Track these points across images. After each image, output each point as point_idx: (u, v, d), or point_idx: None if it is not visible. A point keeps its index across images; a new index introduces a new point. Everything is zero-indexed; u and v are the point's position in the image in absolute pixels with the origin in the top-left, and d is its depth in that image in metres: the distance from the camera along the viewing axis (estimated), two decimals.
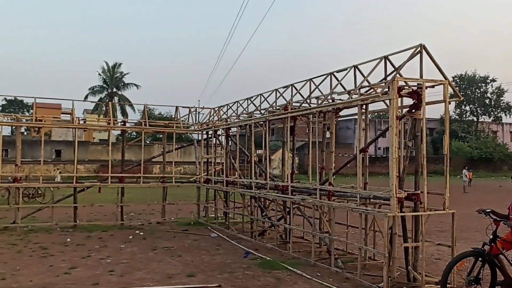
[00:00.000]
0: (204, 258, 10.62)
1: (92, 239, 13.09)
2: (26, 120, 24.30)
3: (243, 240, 13.05)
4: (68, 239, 12.81)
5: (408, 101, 8.53)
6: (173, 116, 19.08)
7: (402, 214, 8.13)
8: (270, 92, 13.01)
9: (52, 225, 15.05)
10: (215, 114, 17.14)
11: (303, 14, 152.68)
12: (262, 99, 13.49)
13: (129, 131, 19.94)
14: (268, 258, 10.48)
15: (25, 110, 65.26)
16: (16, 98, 60.06)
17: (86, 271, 9.19)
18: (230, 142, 16.10)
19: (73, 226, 15.19)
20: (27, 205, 17.63)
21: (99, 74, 62.76)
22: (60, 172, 35.97)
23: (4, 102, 63.89)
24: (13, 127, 26.17)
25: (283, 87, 12.33)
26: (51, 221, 15.31)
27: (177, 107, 17.80)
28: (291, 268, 9.44)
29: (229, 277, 8.81)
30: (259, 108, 13.77)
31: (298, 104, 11.96)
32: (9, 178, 18.24)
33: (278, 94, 12.48)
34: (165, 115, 61.17)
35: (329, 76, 10.50)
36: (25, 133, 50.74)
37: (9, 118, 21.32)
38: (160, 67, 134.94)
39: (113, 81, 62.72)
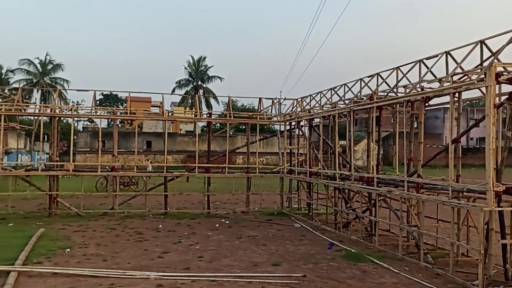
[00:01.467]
0: (288, 248, 10.73)
1: (181, 226, 13.75)
2: (121, 113, 25.87)
3: (326, 231, 12.99)
4: (160, 225, 13.57)
5: (507, 88, 7.94)
6: (255, 108, 19.38)
7: (500, 209, 7.61)
8: (354, 82, 12.74)
9: (145, 211, 16.03)
10: (298, 105, 17.14)
11: (385, 3, 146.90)
12: (346, 89, 13.25)
13: (214, 123, 20.56)
14: (353, 250, 10.35)
15: (119, 103, 69.59)
16: (112, 93, 64.11)
17: (178, 256, 9.69)
18: (313, 133, 16.03)
19: (164, 213, 16.04)
20: (123, 192, 18.91)
21: (185, 68, 65.18)
22: (151, 162, 38.07)
23: (101, 97, 68.59)
24: (110, 120, 28.07)
25: (368, 76, 12.02)
26: (144, 208, 16.32)
27: (260, 99, 18.05)
28: (378, 261, 9.25)
29: (313, 267, 8.83)
30: (343, 98, 13.54)
31: (384, 94, 11.60)
32: (107, 167, 19.64)
33: (363, 84, 12.19)
34: (247, 107, 62.22)
35: (418, 63, 10.04)
36: (119, 125, 54.21)
37: (106, 111, 22.96)
38: (242, 60, 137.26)
39: (198, 74, 64.83)
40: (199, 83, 65.40)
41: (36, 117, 23.47)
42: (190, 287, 7.44)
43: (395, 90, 11.15)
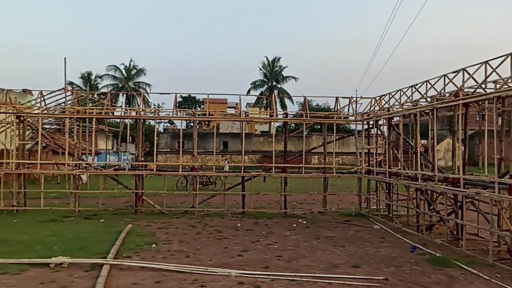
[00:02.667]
0: (368, 249, 10.49)
1: (259, 225, 13.92)
2: (199, 114, 26.77)
3: (408, 234, 12.53)
4: (238, 224, 13.85)
5: None
6: (330, 107, 19.15)
7: None
8: (437, 78, 12.17)
9: (224, 210, 16.43)
10: (376, 103, 16.69)
11: None
12: (428, 86, 12.69)
13: (289, 123, 20.59)
14: (438, 254, 9.89)
15: (197, 105, 72.02)
16: (190, 95, 66.60)
17: (257, 254, 9.83)
18: (392, 132, 15.53)
19: (241, 212, 16.34)
20: (202, 191, 19.51)
21: (260, 69, 66.01)
22: (228, 162, 39.00)
23: (180, 99, 71.37)
24: (188, 121, 29.13)
25: (453, 72, 11.42)
26: (222, 207, 16.74)
27: (337, 98, 17.79)
28: (466, 267, 8.76)
29: (396, 271, 8.56)
30: (424, 96, 12.99)
31: (471, 90, 10.96)
32: (187, 167, 20.38)
33: (447, 80, 11.61)
34: (322, 106, 61.61)
35: (509, 56, 9.38)
36: (197, 127, 56.12)
37: (185, 113, 23.84)
38: (316, 59, 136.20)
39: (273, 75, 65.36)
40: (274, 83, 65.84)
41: (122, 119, 24.95)
42: (270, 285, 7.52)
43: (483, 85, 10.50)
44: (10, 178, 16.51)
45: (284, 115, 18.23)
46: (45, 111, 17.30)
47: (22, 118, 16.54)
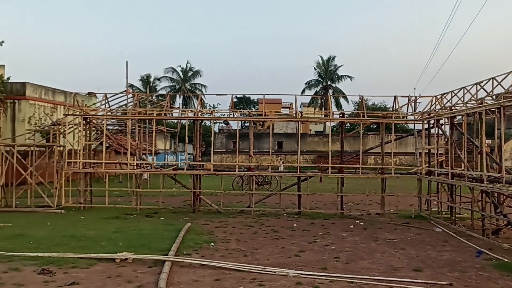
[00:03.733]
0: (429, 253, 10.16)
1: (315, 226, 13.84)
2: (254, 115, 26.96)
3: (472, 238, 11.99)
4: (295, 224, 13.83)
5: None
6: (387, 106, 18.69)
7: None
8: (504, 75, 11.59)
9: (280, 210, 16.47)
10: (437, 102, 16.10)
11: None
12: (495, 83, 12.09)
13: (345, 123, 20.29)
14: (506, 260, 9.41)
15: (251, 106, 72.62)
16: (244, 96, 67.20)
17: (314, 255, 9.79)
18: (454, 131, 14.92)
19: (297, 213, 16.31)
20: (258, 191, 19.65)
21: (314, 68, 65.55)
22: (283, 162, 39.03)
23: (234, 100, 72.32)
24: (243, 122, 29.42)
25: None
26: (278, 207, 16.79)
27: (395, 97, 17.33)
28: None
29: (460, 276, 8.24)
30: (490, 93, 12.39)
31: None
32: (242, 167, 20.60)
33: None
34: (378, 105, 60.24)
35: None
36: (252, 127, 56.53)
37: (241, 114, 24.09)
38: (372, 57, 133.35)
39: (327, 74, 64.70)
40: (329, 83, 65.16)
41: (179, 120, 25.61)
42: (328, 287, 7.47)
43: None
44: (78, 177, 17.41)
45: (341, 115, 17.99)
46: (109, 113, 18.11)
47: (88, 120, 17.40)
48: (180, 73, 64.68)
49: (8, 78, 27.11)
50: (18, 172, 16.66)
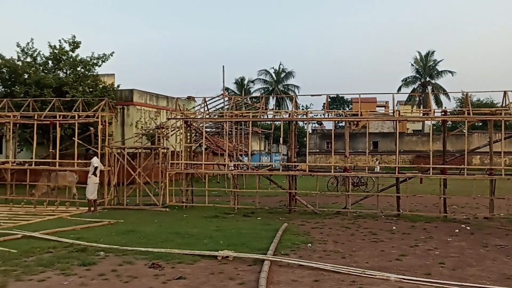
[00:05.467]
0: None
1: (416, 229, 13.27)
2: (347, 115, 26.52)
3: None
4: (394, 227, 13.38)
5: None
6: (494, 102, 17.29)
7: None
8: None
9: (377, 212, 16.03)
10: None
11: None
12: None
13: (448, 121, 19.17)
14: None
15: (345, 105, 71.50)
16: (338, 95, 66.31)
17: (416, 260, 9.40)
18: None
19: (396, 215, 15.75)
20: (354, 192, 19.27)
21: (412, 64, 62.80)
22: (379, 163, 37.93)
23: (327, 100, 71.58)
24: (336, 122, 29.14)
25: None
26: (375, 208, 16.35)
27: (505, 92, 16.01)
28: None
29: None
30: None
31: None
32: (337, 167, 20.38)
33: None
34: (484, 101, 56.06)
35: None
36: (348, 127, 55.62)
37: (335, 114, 23.82)
38: (475, 50, 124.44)
39: (426, 70, 61.63)
40: (427, 79, 62.02)
41: (272, 122, 26.00)
42: None
43: None
44: (180, 177, 18.42)
45: (442, 113, 17.05)
46: (207, 116, 18.94)
47: (189, 123, 18.34)
48: (273, 75, 65.61)
49: (118, 86, 29.51)
50: (128, 173, 18.05)
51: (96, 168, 16.47)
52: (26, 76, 25.60)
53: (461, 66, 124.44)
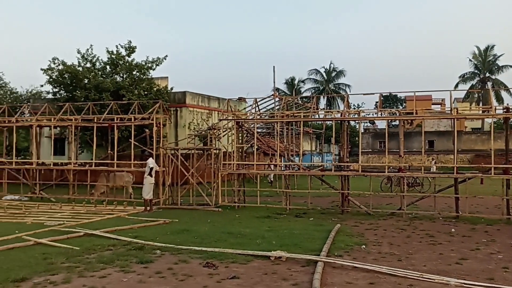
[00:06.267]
0: None
1: (477, 231, 12.69)
2: (401, 113, 25.82)
3: None
4: (453, 229, 12.87)
5: None
6: None
7: None
8: None
9: (435, 214, 15.48)
10: None
11: None
12: None
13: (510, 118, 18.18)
14: None
15: (398, 104, 69.65)
16: (391, 94, 64.60)
17: (477, 264, 8.99)
18: None
19: (455, 217, 15.15)
20: (408, 193, 18.74)
21: (470, 60, 60.15)
22: (435, 163, 36.62)
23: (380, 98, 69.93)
24: (389, 121, 28.46)
25: None
26: (432, 210, 15.80)
27: None
28: None
29: None
30: None
31: None
32: (391, 168, 19.86)
33: None
34: None
35: None
36: (398, 126, 54.16)
37: (388, 113, 23.22)
38: None
39: (485, 65, 58.84)
40: (487, 74, 59.22)
41: (324, 121, 25.73)
42: None
43: None
44: (232, 177, 18.63)
45: (505, 110, 16.22)
46: (258, 117, 19.04)
47: (240, 124, 18.52)
48: (324, 74, 64.94)
49: (171, 88, 30.28)
50: (182, 173, 18.48)
51: (151, 168, 16.96)
52: (86, 81, 26.78)
53: None
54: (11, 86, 37.04)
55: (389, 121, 42.70)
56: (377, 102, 17.23)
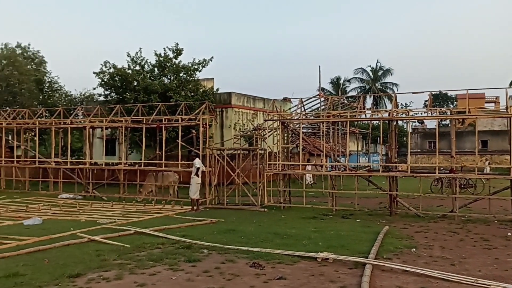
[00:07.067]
0: None
1: None
2: (453, 112, 24.96)
3: None
4: (509, 233, 12.29)
5: None
6: None
7: None
8: None
9: (489, 217, 14.84)
10: None
11: None
12: None
13: None
14: None
15: (448, 102, 67.29)
16: (441, 92, 62.50)
17: None
18: None
19: (511, 220, 14.46)
20: (461, 195, 18.03)
21: None
22: (489, 163, 35.15)
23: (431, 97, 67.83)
24: (439, 120, 27.58)
25: None
26: (487, 212, 15.15)
27: None
28: None
29: None
30: None
31: None
32: (441, 168, 19.22)
33: None
34: None
35: None
36: (449, 125, 52.23)
37: (438, 112, 22.48)
38: None
39: None
40: None
41: (370, 121, 25.20)
42: None
43: None
44: (277, 178, 18.62)
45: None
46: (304, 117, 18.94)
47: (285, 124, 18.48)
48: (370, 73, 63.80)
49: (217, 89, 30.67)
50: (228, 173, 18.66)
51: (198, 168, 17.23)
52: (135, 83, 27.57)
53: None
54: (66, 89, 38.66)
55: (440, 120, 41.34)
56: (426, 101, 16.75)
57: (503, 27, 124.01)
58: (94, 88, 30.28)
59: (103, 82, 28.33)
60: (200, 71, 29.16)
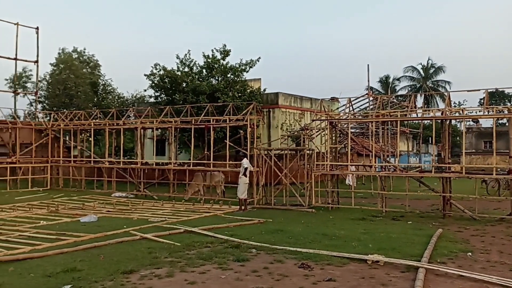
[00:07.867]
0: None
1: None
2: (510, 110, 23.74)
3: None
4: None
5: None
6: None
7: None
8: None
9: None
10: None
11: None
12: None
13: None
14: None
15: (506, 100, 64.20)
16: (497, 90, 59.73)
17: None
18: None
19: None
20: None
21: None
22: None
23: (484, 95, 64.99)
24: (497, 119, 26.35)
25: None
26: None
27: None
28: None
29: None
30: None
31: None
32: (499, 169, 18.34)
33: None
34: None
35: None
36: (506, 125, 49.86)
37: (495, 110, 21.48)
38: None
39: None
40: None
41: (421, 120, 24.47)
42: None
43: None
44: (325, 178, 18.43)
45: None
46: (352, 117, 18.64)
47: (333, 124, 18.27)
48: (421, 71, 61.85)
49: (264, 90, 30.75)
50: (275, 173, 18.66)
51: (246, 168, 17.34)
52: (184, 84, 28.11)
53: None
54: (118, 91, 39.97)
55: (496, 119, 39.49)
56: (481, 99, 16.12)
57: None
58: (145, 90, 31.10)
59: (153, 84, 29.06)
60: (247, 71, 29.32)
